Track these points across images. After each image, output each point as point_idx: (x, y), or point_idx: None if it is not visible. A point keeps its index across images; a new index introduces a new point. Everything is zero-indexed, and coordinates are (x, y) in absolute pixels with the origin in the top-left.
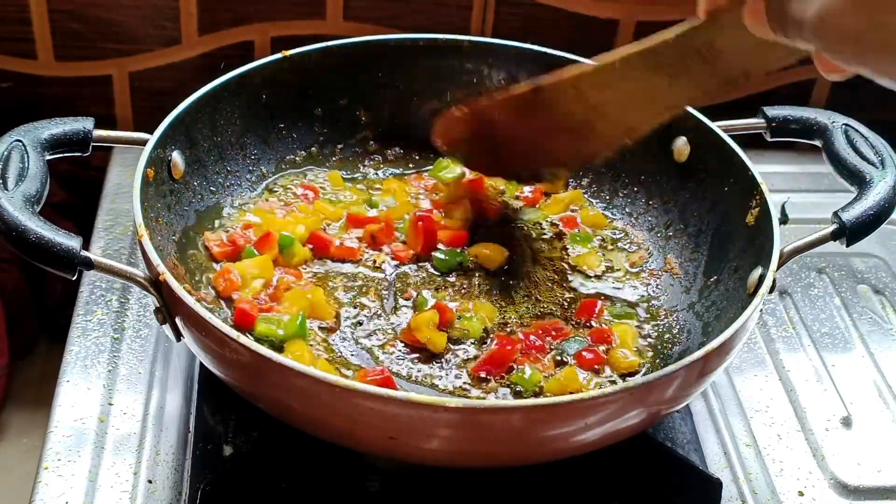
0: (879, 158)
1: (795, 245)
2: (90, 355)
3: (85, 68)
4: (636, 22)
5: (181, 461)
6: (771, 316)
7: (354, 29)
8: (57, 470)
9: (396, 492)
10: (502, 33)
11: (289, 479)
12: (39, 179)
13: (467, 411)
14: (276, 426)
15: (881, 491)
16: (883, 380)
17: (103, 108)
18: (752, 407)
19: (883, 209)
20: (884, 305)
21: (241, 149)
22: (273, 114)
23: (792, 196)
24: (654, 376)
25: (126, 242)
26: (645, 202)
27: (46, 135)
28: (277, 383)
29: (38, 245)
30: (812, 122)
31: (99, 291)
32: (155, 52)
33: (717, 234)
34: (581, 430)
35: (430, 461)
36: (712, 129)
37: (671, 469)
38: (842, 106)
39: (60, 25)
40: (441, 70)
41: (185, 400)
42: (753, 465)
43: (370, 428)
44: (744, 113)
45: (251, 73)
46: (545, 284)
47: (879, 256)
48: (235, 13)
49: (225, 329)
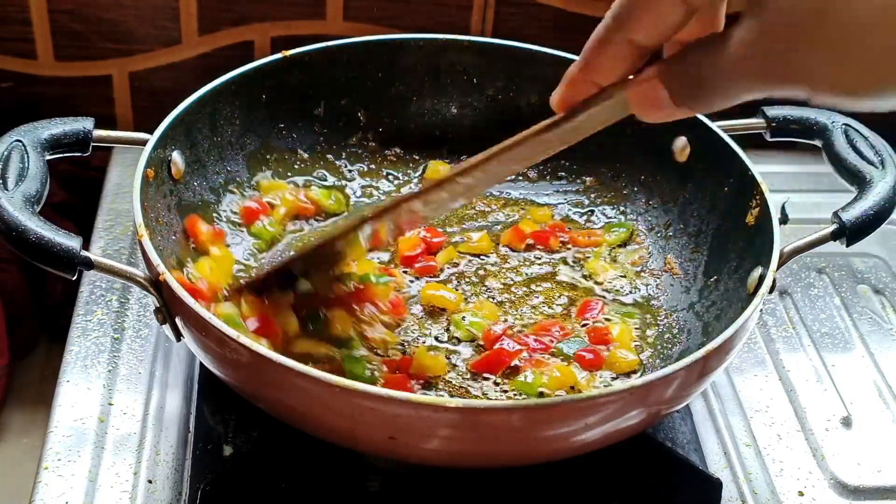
0: (879, 158)
1: (795, 245)
2: (90, 355)
3: (85, 68)
4: None
5: (181, 461)
6: (771, 316)
7: (354, 29)
8: (57, 470)
9: (396, 492)
10: (502, 33)
11: (289, 479)
12: (39, 179)
13: (467, 411)
14: (276, 426)
15: (881, 491)
16: (883, 380)
17: (103, 108)
18: (752, 407)
19: (883, 209)
20: (884, 305)
21: (240, 149)
22: (273, 114)
23: (792, 196)
24: (654, 376)
25: (126, 242)
26: (645, 202)
27: (46, 135)
28: (277, 383)
29: (38, 245)
30: (812, 122)
31: (99, 291)
32: (155, 52)
33: (717, 234)
34: (581, 430)
35: (430, 461)
36: (712, 129)
37: (671, 469)
38: None
39: (60, 25)
40: (441, 70)
41: (185, 400)
42: (753, 465)
43: (370, 428)
44: (744, 113)
45: (251, 73)
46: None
47: (879, 256)
48: (235, 13)
49: (225, 329)
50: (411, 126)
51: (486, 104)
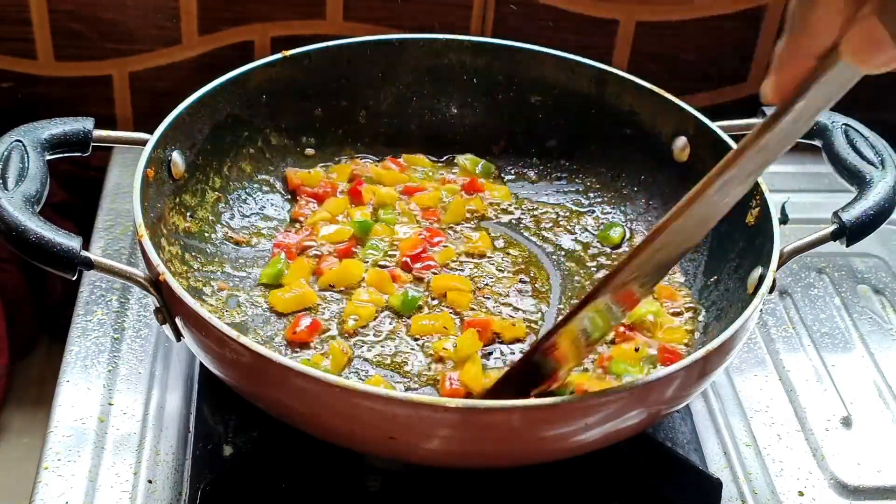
0: (879, 158)
1: (795, 245)
2: (90, 355)
3: (85, 68)
4: (636, 22)
5: (181, 461)
6: (771, 316)
7: (354, 29)
8: (57, 470)
9: (396, 492)
10: (502, 33)
11: (289, 479)
12: (39, 179)
13: (467, 411)
14: (276, 426)
15: (881, 491)
16: (883, 380)
17: (103, 108)
18: (752, 407)
19: (883, 209)
20: (884, 305)
21: (240, 148)
22: (273, 114)
23: (792, 196)
24: (654, 376)
25: (126, 242)
26: (645, 202)
27: (46, 135)
28: (277, 383)
29: (38, 245)
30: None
31: (99, 291)
32: (155, 52)
33: (717, 234)
34: (581, 430)
35: (430, 461)
36: (712, 129)
37: (671, 469)
38: (842, 106)
39: (60, 25)
40: (441, 70)
41: (185, 400)
42: (753, 465)
43: (370, 428)
44: (744, 113)
45: (251, 73)
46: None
47: (879, 256)
48: (235, 13)
49: (225, 329)
50: (412, 126)
51: (486, 104)
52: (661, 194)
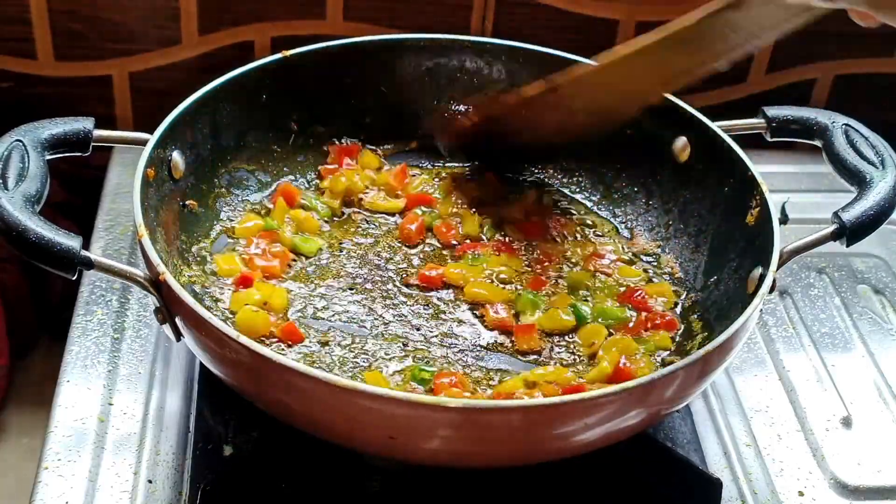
0: (879, 158)
1: (795, 245)
2: (90, 355)
3: (85, 68)
4: (636, 22)
5: (181, 461)
6: (771, 316)
7: (354, 29)
8: (57, 470)
9: (396, 492)
10: (502, 33)
11: (289, 479)
12: (39, 179)
13: (467, 411)
14: (276, 426)
15: (881, 491)
16: (883, 380)
17: (103, 108)
18: (752, 407)
19: (883, 209)
20: (884, 305)
21: (241, 149)
22: (273, 114)
23: (792, 196)
24: (654, 376)
25: (126, 242)
26: (645, 202)
27: (46, 135)
28: (277, 383)
29: (38, 245)
30: (812, 122)
31: (99, 291)
32: (155, 52)
33: (717, 234)
34: (581, 430)
35: (430, 461)
36: (712, 130)
37: (671, 469)
38: (842, 106)
39: (60, 25)
40: (441, 70)
41: (185, 400)
42: (753, 465)
43: (370, 428)
44: (744, 113)
45: (251, 73)
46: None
47: (879, 256)
48: (235, 13)
49: (225, 329)
50: (412, 126)
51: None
52: (661, 194)
